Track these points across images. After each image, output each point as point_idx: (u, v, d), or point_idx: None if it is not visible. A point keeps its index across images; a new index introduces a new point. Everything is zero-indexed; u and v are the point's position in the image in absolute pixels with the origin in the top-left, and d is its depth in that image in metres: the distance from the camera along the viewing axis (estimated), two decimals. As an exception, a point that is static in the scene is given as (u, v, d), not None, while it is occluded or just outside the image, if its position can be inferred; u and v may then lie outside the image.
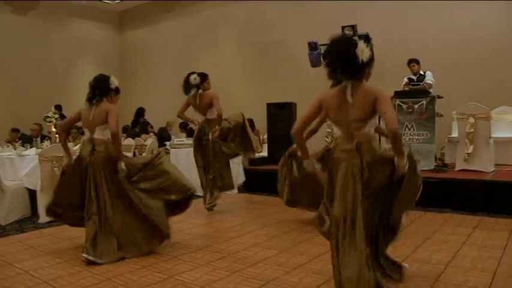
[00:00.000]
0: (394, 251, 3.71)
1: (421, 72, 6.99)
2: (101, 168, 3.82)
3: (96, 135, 3.93)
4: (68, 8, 12.74)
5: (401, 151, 2.60)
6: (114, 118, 3.77)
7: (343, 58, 2.60)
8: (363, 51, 2.58)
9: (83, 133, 8.28)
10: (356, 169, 2.55)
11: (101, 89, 4.04)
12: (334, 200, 2.62)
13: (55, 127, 6.77)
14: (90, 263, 3.56)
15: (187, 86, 5.55)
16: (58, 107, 10.36)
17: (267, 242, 4.20)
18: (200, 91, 5.54)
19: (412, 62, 6.99)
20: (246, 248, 3.98)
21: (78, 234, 4.60)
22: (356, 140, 2.59)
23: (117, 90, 4.16)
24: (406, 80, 7.08)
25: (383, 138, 4.41)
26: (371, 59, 2.64)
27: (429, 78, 6.89)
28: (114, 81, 4.15)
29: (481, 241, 3.99)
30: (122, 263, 3.60)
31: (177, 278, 3.23)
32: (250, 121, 9.80)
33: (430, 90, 6.67)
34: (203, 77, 5.59)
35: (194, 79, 5.47)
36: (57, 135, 6.78)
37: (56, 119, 6.66)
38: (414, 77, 7.02)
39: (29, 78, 11.89)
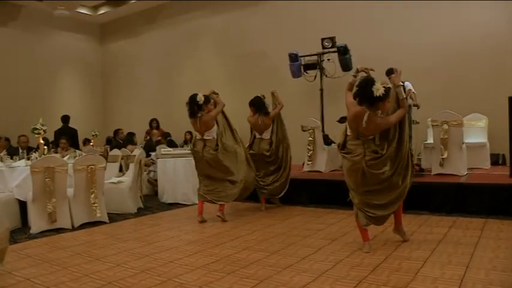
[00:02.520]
0: (377, 249, 4.00)
1: (400, 83, 7.27)
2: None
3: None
4: (49, 19, 12.78)
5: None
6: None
7: (363, 93, 3.74)
8: (378, 89, 3.64)
9: (71, 145, 8.45)
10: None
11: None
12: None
13: (43, 139, 6.86)
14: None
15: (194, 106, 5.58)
16: (66, 118, 10.46)
17: (258, 245, 4.42)
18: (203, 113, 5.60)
19: (392, 72, 7.26)
20: (238, 252, 4.19)
21: (71, 243, 4.77)
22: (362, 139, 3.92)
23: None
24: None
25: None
26: (385, 95, 3.70)
27: (411, 89, 7.17)
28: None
29: (456, 239, 4.30)
30: (121, 268, 3.78)
31: (175, 280, 3.42)
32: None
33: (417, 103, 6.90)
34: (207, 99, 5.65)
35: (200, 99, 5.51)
36: (45, 147, 6.90)
37: (44, 131, 6.75)
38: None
39: (10, 89, 11.91)
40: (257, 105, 6.38)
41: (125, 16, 13.86)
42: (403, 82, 7.32)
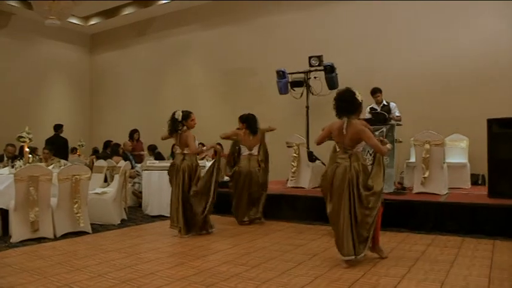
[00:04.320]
0: (356, 265, 4.06)
1: (385, 103, 7.44)
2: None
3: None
4: (38, 27, 12.79)
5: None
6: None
7: (346, 102, 4.16)
8: (358, 96, 4.15)
9: (55, 154, 8.41)
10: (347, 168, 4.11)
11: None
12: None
13: (28, 147, 6.84)
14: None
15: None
16: (57, 127, 10.43)
17: (238, 259, 4.45)
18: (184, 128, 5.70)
19: (377, 92, 7.44)
20: (219, 265, 4.22)
21: (52, 253, 4.76)
22: (349, 153, 4.14)
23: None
24: (368, 109, 7.42)
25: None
26: (361, 103, 4.18)
27: (396, 111, 7.33)
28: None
29: (433, 256, 4.39)
30: (102, 278, 3.78)
31: (155, 291, 3.45)
32: (219, 145, 10.12)
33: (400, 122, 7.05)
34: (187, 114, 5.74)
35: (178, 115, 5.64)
36: (30, 156, 6.88)
37: (29, 139, 6.73)
38: (377, 107, 7.44)
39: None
40: (250, 121, 6.47)
41: (115, 28, 13.97)
42: (388, 102, 7.53)
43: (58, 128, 10.53)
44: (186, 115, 5.69)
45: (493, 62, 8.03)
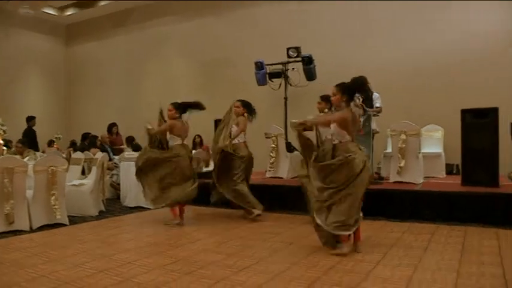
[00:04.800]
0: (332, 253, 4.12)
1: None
2: None
3: None
4: (11, 18, 12.54)
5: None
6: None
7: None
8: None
9: (29, 146, 8.27)
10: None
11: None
12: None
13: (3, 140, 6.74)
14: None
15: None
16: (30, 119, 10.26)
17: (216, 248, 4.48)
18: None
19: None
20: (196, 253, 4.24)
21: (29, 244, 4.71)
22: None
23: None
24: None
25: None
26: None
27: (378, 102, 7.39)
28: None
29: (408, 243, 4.49)
30: (79, 268, 3.77)
31: (133, 280, 3.45)
32: (199, 137, 10.11)
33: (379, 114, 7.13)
34: None
35: None
36: (4, 148, 6.78)
37: (4, 131, 6.63)
38: (360, 97, 7.43)
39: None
40: (249, 107, 6.40)
41: (92, 18, 13.74)
42: (372, 92, 7.56)
43: (29, 120, 10.35)
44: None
45: (466, 57, 8.19)
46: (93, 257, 4.13)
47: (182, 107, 5.97)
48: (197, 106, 6.01)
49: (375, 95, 7.44)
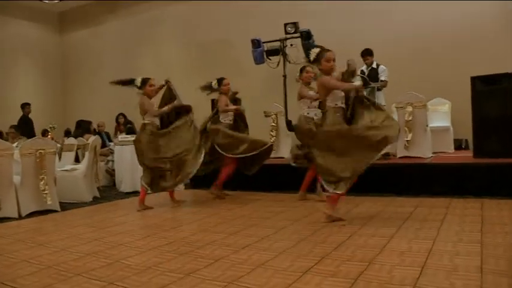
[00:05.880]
0: (341, 228, 3.81)
1: (374, 66, 7.06)
2: None
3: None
4: (1, 6, 12.14)
5: None
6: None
7: None
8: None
9: (25, 134, 7.93)
10: None
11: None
12: None
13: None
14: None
15: None
16: (24, 105, 9.97)
17: (215, 227, 4.16)
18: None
19: (365, 54, 7.03)
20: (193, 234, 3.92)
21: (15, 231, 4.42)
22: None
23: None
24: (359, 71, 7.04)
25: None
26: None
27: (383, 75, 7.01)
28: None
29: (422, 216, 4.16)
30: (65, 252, 3.45)
31: (123, 262, 3.13)
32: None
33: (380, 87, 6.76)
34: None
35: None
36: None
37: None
38: (365, 69, 7.06)
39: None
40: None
41: (84, 4, 13.31)
42: (377, 65, 7.19)
43: (23, 106, 10.01)
44: (144, 81, 5.68)
45: (473, 24, 7.79)
46: (82, 241, 3.82)
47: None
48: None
49: (381, 68, 7.07)
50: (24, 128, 9.08)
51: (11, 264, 3.20)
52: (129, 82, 5.73)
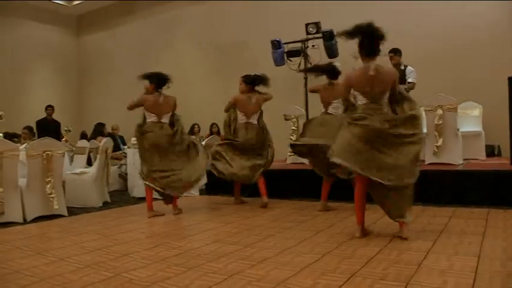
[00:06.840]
0: (369, 241, 3.43)
1: (402, 67, 6.65)
2: None
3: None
4: (21, 9, 12.07)
5: None
6: None
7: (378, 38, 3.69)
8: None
9: (34, 135, 7.72)
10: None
11: None
12: None
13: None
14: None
15: None
16: (47, 108, 9.81)
17: (230, 238, 3.80)
18: None
19: (390, 52, 6.60)
20: (206, 244, 3.57)
21: (15, 237, 4.14)
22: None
23: None
24: None
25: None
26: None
27: (411, 77, 6.59)
28: None
29: (459, 229, 3.73)
30: (63, 263, 3.13)
31: (124, 275, 2.79)
32: (215, 126, 9.40)
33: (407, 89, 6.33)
34: None
35: None
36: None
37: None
38: None
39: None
40: (257, 81, 5.82)
41: (101, 7, 13.20)
42: (405, 66, 6.77)
43: (46, 109, 9.79)
44: None
45: (510, 21, 7.32)
46: (84, 250, 3.49)
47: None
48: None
49: (409, 69, 6.67)
50: (41, 130, 8.84)
51: (4, 275, 2.89)
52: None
